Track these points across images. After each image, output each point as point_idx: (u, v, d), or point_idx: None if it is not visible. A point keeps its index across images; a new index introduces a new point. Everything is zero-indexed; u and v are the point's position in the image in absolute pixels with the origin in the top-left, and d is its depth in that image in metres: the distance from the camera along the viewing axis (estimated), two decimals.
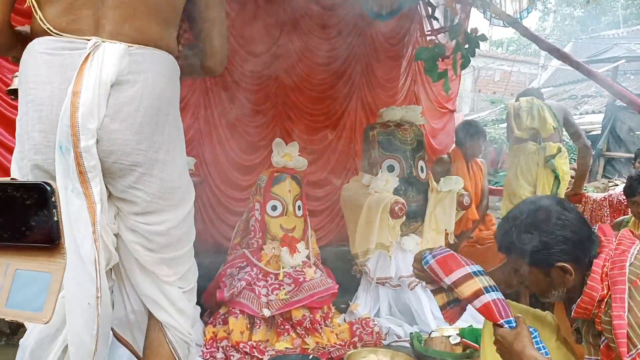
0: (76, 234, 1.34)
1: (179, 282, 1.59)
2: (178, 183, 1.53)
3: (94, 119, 1.32)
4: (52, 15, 1.36)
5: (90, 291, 1.34)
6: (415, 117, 3.38)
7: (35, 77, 1.37)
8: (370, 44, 4.27)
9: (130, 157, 1.40)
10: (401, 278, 3.03)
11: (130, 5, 1.39)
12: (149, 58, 1.42)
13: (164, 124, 1.46)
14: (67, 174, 1.33)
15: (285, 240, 2.83)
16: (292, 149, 2.98)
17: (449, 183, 3.19)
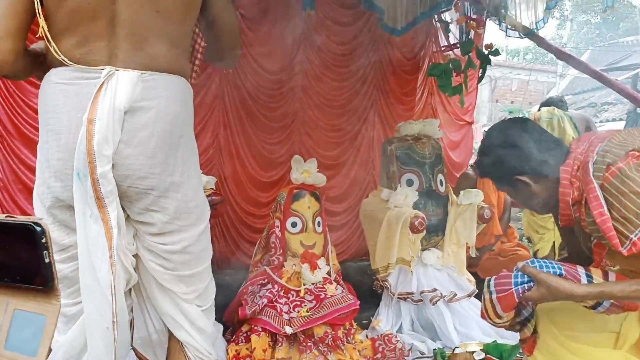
0: (93, 258, 1.38)
1: (197, 300, 1.62)
2: (194, 202, 1.57)
3: (109, 146, 1.36)
4: (66, 47, 1.41)
5: (108, 315, 1.38)
6: (433, 131, 3.37)
7: (53, 107, 1.42)
8: (387, 58, 4.29)
9: (145, 181, 1.44)
10: (423, 293, 3.01)
11: (141, 34, 1.44)
12: (162, 84, 1.46)
13: (177, 146, 1.50)
14: (85, 199, 1.37)
15: (306, 257, 2.83)
16: (311, 166, 3.00)
17: (469, 196, 3.17)
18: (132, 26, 1.43)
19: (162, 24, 1.46)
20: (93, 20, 1.40)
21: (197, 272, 1.61)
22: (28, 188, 2.94)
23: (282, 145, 3.88)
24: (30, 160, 2.94)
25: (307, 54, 3.89)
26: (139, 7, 1.43)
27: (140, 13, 1.43)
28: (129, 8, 1.42)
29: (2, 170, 2.92)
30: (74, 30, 1.41)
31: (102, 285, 1.37)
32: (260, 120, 3.76)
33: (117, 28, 1.42)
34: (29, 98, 2.93)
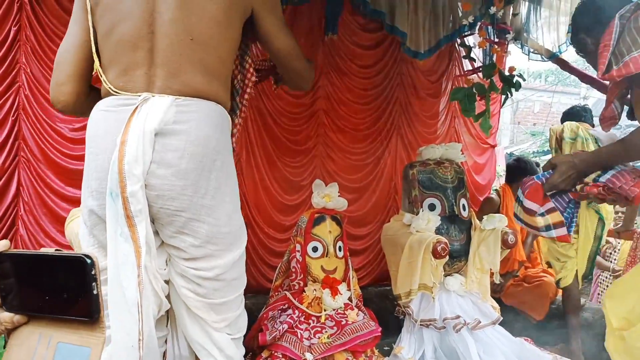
0: (122, 277, 1.39)
1: (228, 328, 1.61)
2: (227, 228, 1.56)
3: (139, 165, 1.39)
4: (112, 77, 1.53)
5: (134, 333, 1.37)
6: (455, 155, 3.34)
7: (95, 131, 1.53)
8: (409, 82, 4.30)
9: (176, 202, 1.46)
10: (446, 320, 2.94)
11: (176, 62, 1.52)
12: (195, 107, 1.50)
13: (211, 169, 1.51)
14: (116, 218, 1.40)
15: (327, 282, 2.80)
16: (332, 190, 2.98)
17: (492, 221, 3.12)
18: (168, 55, 1.51)
19: (197, 52, 1.53)
20: (133, 51, 1.51)
21: (229, 301, 1.60)
22: (52, 212, 2.98)
23: (305, 169, 3.89)
24: (55, 184, 2.99)
25: (329, 77, 3.92)
26: (175, 36, 1.52)
27: (176, 42, 1.52)
28: (166, 38, 1.51)
29: (28, 194, 2.97)
30: (117, 60, 1.53)
31: (129, 303, 1.38)
32: (283, 143, 3.78)
33: (154, 57, 1.51)
34: (55, 122, 2.99)
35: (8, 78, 2.89)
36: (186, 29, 1.53)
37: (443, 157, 3.29)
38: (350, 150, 4.09)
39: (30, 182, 2.97)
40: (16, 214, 2.97)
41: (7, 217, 2.93)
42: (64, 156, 2.99)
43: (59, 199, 2.99)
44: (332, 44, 3.85)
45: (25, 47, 2.93)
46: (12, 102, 2.91)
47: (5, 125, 2.90)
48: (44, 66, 2.96)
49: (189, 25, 1.53)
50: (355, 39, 3.99)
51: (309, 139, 3.89)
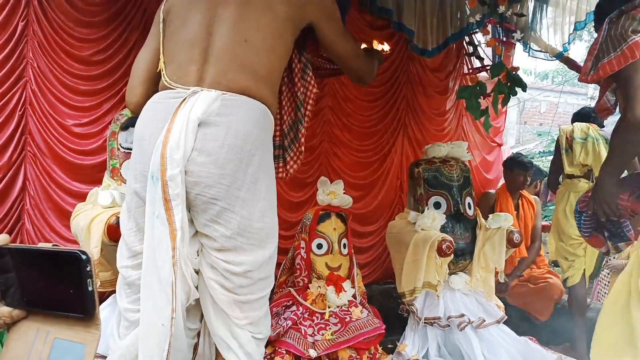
0: (157, 257, 1.45)
1: (250, 327, 1.64)
2: (259, 224, 1.60)
3: (179, 150, 1.47)
4: (169, 72, 1.68)
5: (166, 312, 1.42)
6: (461, 153, 3.33)
7: (143, 119, 1.65)
8: (417, 79, 4.29)
9: (212, 189, 1.52)
10: (450, 318, 2.94)
11: (228, 61, 1.63)
12: (238, 103, 1.59)
13: (249, 163, 1.57)
14: (155, 201, 1.48)
15: (331, 279, 2.80)
16: (337, 187, 2.98)
17: (498, 220, 3.11)
18: (221, 54, 1.64)
19: (248, 54, 1.65)
20: (190, 49, 1.66)
21: (253, 300, 1.63)
22: (58, 206, 2.99)
23: (310, 166, 3.88)
24: (62, 179, 3.00)
25: None
26: (230, 37, 1.65)
27: (230, 43, 1.65)
28: (221, 39, 1.65)
29: (34, 189, 2.98)
30: (176, 57, 1.68)
31: (162, 283, 1.43)
32: None
33: (208, 55, 1.64)
34: (61, 117, 3.00)
35: (15, 73, 2.90)
36: (241, 32, 1.66)
37: (449, 155, 3.29)
38: (356, 147, 4.08)
39: (36, 176, 2.98)
40: (22, 208, 2.98)
41: (13, 212, 2.95)
42: (70, 151, 3.00)
43: (64, 194, 3.00)
44: None
45: (32, 42, 2.94)
46: (19, 97, 2.92)
47: (12, 120, 2.91)
48: (50, 61, 2.96)
49: (245, 30, 1.67)
50: (363, 37, 3.96)
51: (314, 136, 3.88)
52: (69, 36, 2.99)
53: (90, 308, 0.67)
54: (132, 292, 1.57)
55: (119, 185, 2.43)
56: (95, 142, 3.09)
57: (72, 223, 2.42)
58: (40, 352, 0.69)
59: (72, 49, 3.00)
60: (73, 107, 3.05)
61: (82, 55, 3.05)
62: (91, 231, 2.22)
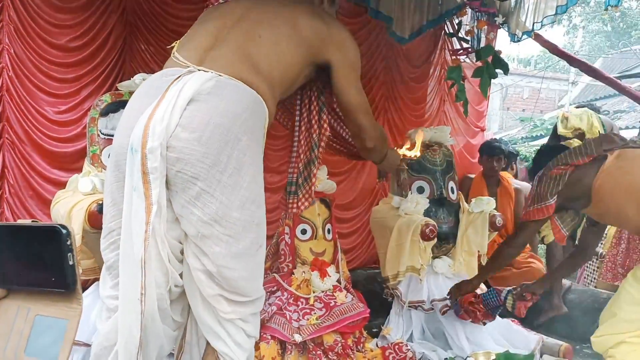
0: (132, 232, 1.42)
1: (240, 322, 1.62)
2: (237, 213, 1.54)
3: (163, 122, 1.43)
4: (179, 52, 1.69)
5: (137, 286, 1.40)
6: (444, 138, 3.34)
7: (135, 95, 1.65)
8: (395, 66, 4.27)
9: (194, 168, 1.47)
10: (433, 302, 2.97)
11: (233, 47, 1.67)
12: (231, 86, 1.57)
13: (234, 146, 1.52)
14: (133, 172, 1.44)
15: (316, 264, 2.81)
16: (321, 173, 2.97)
17: (480, 204, 3.14)
18: (231, 41, 1.67)
19: (256, 48, 1.68)
20: (205, 37, 1.70)
21: (240, 299, 1.60)
22: (38, 194, 2.96)
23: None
24: (41, 166, 2.96)
25: None
26: (247, 31, 1.70)
27: (244, 32, 1.69)
28: (238, 31, 1.70)
29: (14, 177, 2.94)
30: (191, 39, 1.74)
31: (135, 257, 1.40)
32: None
33: (218, 43, 1.67)
34: (39, 105, 2.96)
35: None
36: (258, 28, 1.71)
37: (432, 140, 3.29)
38: None
39: (15, 164, 2.93)
40: (1, 196, 2.93)
41: None
42: (49, 139, 2.95)
43: (44, 182, 2.96)
44: None
45: (8, 28, 2.88)
46: None
47: None
48: (27, 47, 2.91)
49: (262, 30, 1.72)
50: None
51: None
52: (45, 22, 2.93)
53: (71, 282, 0.67)
54: (112, 276, 1.53)
55: (99, 172, 2.40)
56: (75, 129, 3.04)
57: (52, 210, 2.40)
58: (21, 329, 0.69)
59: (49, 35, 2.94)
60: (51, 94, 3.00)
61: (60, 42, 2.99)
62: (72, 218, 2.19)
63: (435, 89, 4.59)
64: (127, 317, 1.41)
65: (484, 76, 3.45)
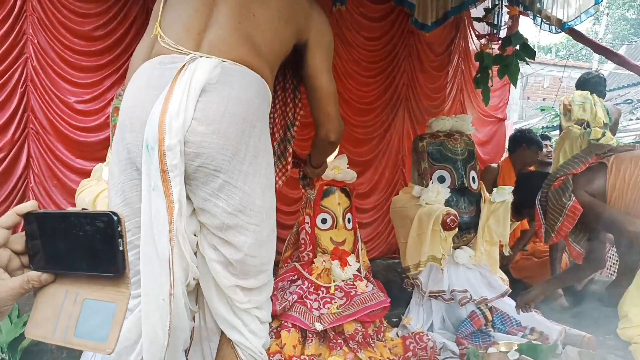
0: (155, 231, 1.38)
1: (255, 310, 1.61)
2: (260, 201, 1.53)
3: (179, 118, 1.38)
4: (167, 34, 1.57)
5: (165, 287, 1.37)
6: (465, 127, 3.31)
7: (136, 86, 1.53)
8: (416, 54, 4.25)
9: (216, 161, 1.44)
10: (453, 292, 2.96)
11: (231, 29, 1.57)
12: (238, 72, 1.52)
13: (250, 134, 1.50)
14: (150, 172, 1.39)
15: (336, 254, 2.81)
16: (341, 162, 2.97)
17: (502, 193, 3.10)
18: (225, 22, 1.56)
19: (253, 27, 1.59)
20: (194, 14, 1.57)
21: (255, 286, 1.59)
22: (62, 183, 3.00)
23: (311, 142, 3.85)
24: (65, 156, 3.00)
25: (336, 49, 3.84)
26: (239, 7, 1.58)
27: (237, 12, 1.58)
28: (228, 7, 1.58)
29: (38, 166, 2.98)
30: (175, 21, 1.59)
31: (160, 257, 1.37)
32: None
33: (211, 22, 1.56)
34: (63, 94, 2.99)
35: (15, 49, 2.88)
36: (248, 6, 1.59)
37: (453, 129, 3.26)
38: (357, 123, 4.06)
39: (40, 154, 2.98)
40: (26, 185, 2.99)
41: (18, 189, 2.95)
42: (73, 128, 2.99)
43: (68, 171, 3.00)
44: (340, 16, 3.80)
45: (31, 18, 2.91)
46: (20, 74, 2.91)
47: (14, 97, 2.89)
48: (51, 37, 2.94)
49: (253, 6, 1.60)
50: (363, 10, 3.93)
51: None
52: (69, 11, 2.95)
53: (121, 267, 0.68)
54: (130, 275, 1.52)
55: None
56: (98, 119, 3.07)
57: (77, 199, 2.42)
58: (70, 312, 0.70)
59: (73, 24, 2.97)
60: (75, 83, 3.03)
61: (83, 31, 3.02)
62: (96, 207, 2.22)
63: (453, 79, 4.55)
64: (150, 318, 1.40)
65: (513, 64, 3.40)
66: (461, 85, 4.63)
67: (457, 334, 2.89)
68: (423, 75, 4.33)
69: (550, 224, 2.52)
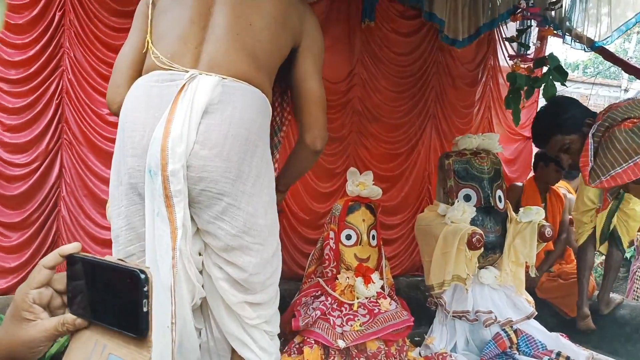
0: (158, 258, 1.38)
1: (264, 325, 1.61)
2: (264, 220, 1.53)
3: (182, 143, 1.36)
4: (161, 47, 1.52)
5: (167, 314, 1.36)
6: (492, 145, 3.28)
7: (134, 105, 1.48)
8: (446, 70, 4.24)
9: (219, 184, 1.43)
10: (478, 313, 2.92)
11: (229, 42, 1.51)
12: (240, 90, 1.48)
13: (253, 154, 1.48)
14: (154, 197, 1.38)
15: (360, 270, 2.80)
16: (367, 178, 2.98)
17: (529, 214, 3.06)
18: (222, 33, 1.51)
19: (251, 37, 1.54)
20: (189, 25, 1.52)
21: (265, 300, 1.59)
22: (93, 193, 3.05)
23: (339, 157, 3.88)
24: (97, 167, 3.06)
25: (365, 65, 3.89)
26: (235, 17, 1.52)
27: (234, 23, 1.52)
28: (224, 17, 1.52)
29: (70, 176, 3.04)
30: (169, 33, 1.53)
31: (163, 284, 1.36)
32: None
33: (208, 34, 1.51)
34: (97, 106, 3.05)
35: (52, 62, 2.96)
36: (245, 15, 1.54)
37: (480, 147, 3.24)
38: (384, 138, 4.06)
39: (72, 164, 3.04)
40: (58, 195, 3.05)
41: (50, 199, 3.01)
42: (105, 139, 3.05)
43: (99, 181, 3.05)
44: (369, 31, 3.82)
45: (69, 32, 2.99)
46: (56, 85, 2.98)
47: (49, 109, 2.97)
48: (86, 50, 3.01)
49: (249, 14, 1.54)
50: (393, 26, 3.94)
51: (343, 126, 3.88)
52: (104, 26, 3.02)
53: (143, 329, 0.66)
54: None
55: None
56: None
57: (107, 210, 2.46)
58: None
59: (108, 38, 3.03)
60: None
61: (117, 45, 3.05)
62: None
63: (482, 96, 4.53)
64: (157, 344, 1.37)
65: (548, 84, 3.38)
66: (489, 102, 4.61)
67: (481, 355, 2.85)
68: (453, 92, 4.32)
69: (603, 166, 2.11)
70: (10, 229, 2.92)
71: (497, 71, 4.54)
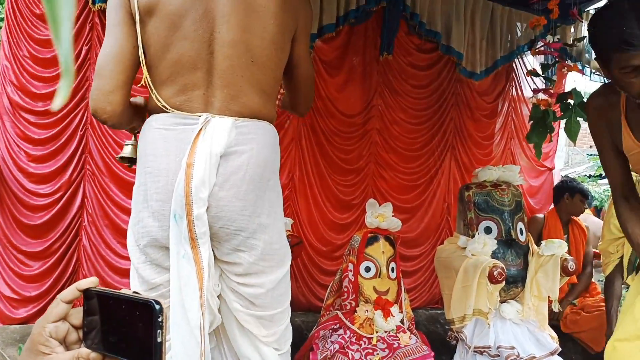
0: (185, 297, 1.42)
1: (276, 343, 1.63)
2: (278, 245, 1.60)
3: (205, 189, 1.42)
4: (166, 95, 1.52)
5: (196, 355, 1.39)
6: (513, 177, 3.25)
7: (153, 150, 1.51)
8: (464, 102, 4.25)
9: (236, 222, 1.49)
10: (500, 348, 2.85)
11: (236, 83, 1.53)
12: (254, 130, 1.54)
13: (266, 189, 1.55)
14: (180, 240, 1.43)
15: (379, 303, 2.77)
16: (386, 210, 2.96)
17: (551, 247, 3.01)
18: (228, 76, 1.52)
19: (256, 73, 1.54)
20: (192, 71, 1.50)
21: (276, 315, 1.62)
22: (114, 224, 3.09)
23: (357, 188, 3.88)
24: (118, 197, 3.10)
25: (383, 97, 3.92)
26: (237, 58, 1.52)
27: (237, 64, 1.52)
28: (226, 60, 1.51)
29: (92, 206, 3.09)
30: (174, 79, 1.52)
31: (191, 324, 1.40)
32: (336, 162, 3.79)
33: (214, 78, 1.52)
34: (119, 137, 3.10)
35: (78, 94, 3.03)
36: (248, 50, 1.52)
37: (500, 179, 3.22)
38: (403, 170, 4.06)
39: (94, 194, 3.09)
40: (80, 224, 3.09)
41: (71, 228, 3.06)
42: (128, 170, 3.09)
43: (120, 212, 3.09)
44: (387, 64, 3.86)
45: (94, 66, 3.06)
46: (80, 117, 3.05)
47: (74, 140, 3.03)
48: None
49: (251, 47, 1.52)
50: (411, 59, 3.98)
51: (361, 157, 3.89)
52: None
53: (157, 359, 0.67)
54: None
55: None
56: None
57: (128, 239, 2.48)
58: None
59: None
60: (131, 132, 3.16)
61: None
62: None
63: (503, 127, 4.51)
64: None
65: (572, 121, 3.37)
66: (511, 133, 4.59)
67: None
68: (472, 123, 4.32)
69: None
70: (32, 258, 2.96)
71: (520, 102, 4.53)
